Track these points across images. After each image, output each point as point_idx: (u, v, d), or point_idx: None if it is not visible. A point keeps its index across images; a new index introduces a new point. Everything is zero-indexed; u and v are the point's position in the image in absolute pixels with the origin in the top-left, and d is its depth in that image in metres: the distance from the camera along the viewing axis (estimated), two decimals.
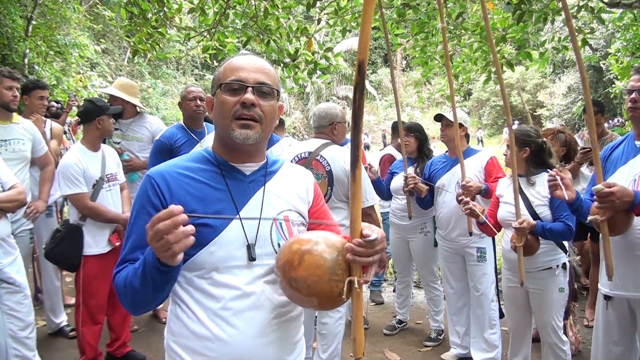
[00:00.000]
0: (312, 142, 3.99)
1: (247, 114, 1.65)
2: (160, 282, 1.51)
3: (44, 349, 4.43)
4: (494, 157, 4.42)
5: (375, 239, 1.48)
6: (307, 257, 1.51)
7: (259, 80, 1.68)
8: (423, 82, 8.93)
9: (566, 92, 34.32)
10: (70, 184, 3.90)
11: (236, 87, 1.67)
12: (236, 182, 1.74)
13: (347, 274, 1.51)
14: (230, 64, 1.73)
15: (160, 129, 5.14)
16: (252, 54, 1.80)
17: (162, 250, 1.37)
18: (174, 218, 1.34)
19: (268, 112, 1.70)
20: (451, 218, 4.40)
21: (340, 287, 1.50)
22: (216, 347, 1.63)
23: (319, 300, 1.52)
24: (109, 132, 4.23)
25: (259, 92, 1.68)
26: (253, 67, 1.70)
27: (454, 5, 6.58)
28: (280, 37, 6.68)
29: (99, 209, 4.02)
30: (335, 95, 33.70)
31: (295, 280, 1.51)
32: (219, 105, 1.69)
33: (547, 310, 3.65)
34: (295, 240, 1.59)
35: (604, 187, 2.60)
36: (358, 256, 1.48)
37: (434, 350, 4.88)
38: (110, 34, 23.38)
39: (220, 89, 1.69)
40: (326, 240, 1.55)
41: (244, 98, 1.65)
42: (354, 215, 1.52)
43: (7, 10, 9.31)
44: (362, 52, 1.43)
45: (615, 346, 2.95)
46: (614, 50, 12.56)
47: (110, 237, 4.13)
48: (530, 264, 3.59)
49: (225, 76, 1.70)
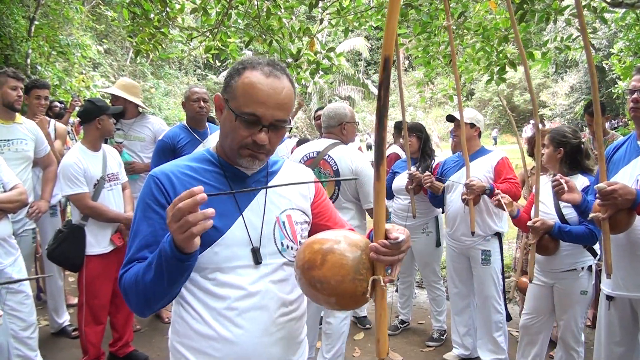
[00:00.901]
0: (321, 142, 4.01)
1: (257, 152, 1.65)
2: (175, 273, 1.48)
3: (46, 348, 4.45)
4: (505, 157, 4.37)
5: (402, 240, 1.47)
6: (330, 256, 1.48)
7: (276, 118, 1.62)
8: (425, 82, 8.91)
9: (569, 92, 34.34)
10: (71, 184, 3.91)
11: (251, 122, 1.62)
12: (238, 182, 1.75)
13: (370, 273, 1.49)
14: (252, 87, 1.61)
15: (162, 129, 5.14)
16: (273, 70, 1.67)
17: (181, 231, 1.36)
18: (194, 197, 1.33)
19: (277, 142, 1.70)
20: (457, 217, 4.40)
21: (364, 287, 1.47)
22: (221, 347, 1.63)
23: (341, 299, 1.50)
24: (109, 132, 4.23)
25: (274, 127, 1.64)
26: (273, 103, 1.61)
27: (457, 5, 6.57)
28: (283, 37, 6.68)
29: (100, 209, 4.02)
30: (337, 95, 33.71)
31: (319, 281, 1.48)
32: (230, 126, 1.65)
33: (568, 311, 3.64)
34: (315, 240, 1.57)
35: (606, 185, 2.60)
36: (383, 256, 1.47)
37: (436, 350, 4.88)
38: (112, 34, 23.38)
39: (233, 112, 1.62)
40: (347, 239, 1.53)
41: (257, 138, 1.61)
42: (379, 215, 1.50)
43: (9, 10, 9.32)
44: (387, 47, 1.40)
45: (617, 346, 2.95)
46: (617, 50, 12.56)
47: (112, 236, 4.13)
48: (554, 264, 3.60)
49: (243, 104, 1.61)
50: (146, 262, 1.55)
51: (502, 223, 4.37)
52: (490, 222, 4.30)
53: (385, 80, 1.41)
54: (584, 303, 3.66)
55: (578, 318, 3.65)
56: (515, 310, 5.49)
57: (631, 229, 2.73)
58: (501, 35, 6.50)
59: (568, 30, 13.46)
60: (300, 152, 4.05)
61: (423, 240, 5.03)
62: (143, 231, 1.65)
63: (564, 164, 3.63)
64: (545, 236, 3.44)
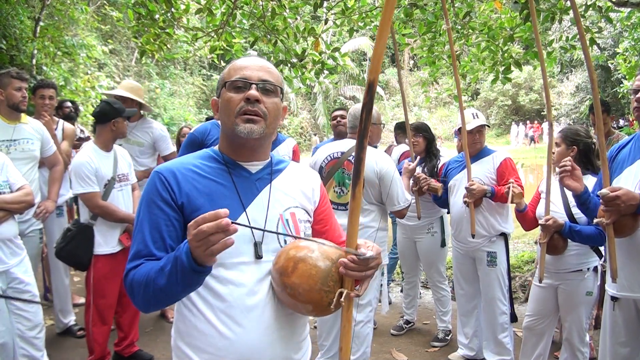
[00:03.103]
0: (346, 142, 4.00)
1: (252, 110, 1.69)
2: (192, 281, 1.51)
3: (52, 348, 4.46)
4: (508, 158, 4.33)
5: (370, 257, 1.52)
6: (301, 265, 1.55)
7: (263, 78, 1.73)
8: (430, 82, 8.90)
9: (574, 92, 34.23)
10: (83, 183, 3.93)
11: (240, 85, 1.72)
12: (242, 179, 1.77)
13: (338, 286, 1.56)
14: (234, 64, 1.79)
15: (162, 135, 5.15)
16: (256, 56, 1.85)
17: (202, 250, 1.38)
18: (219, 221, 1.35)
19: (272, 109, 1.74)
20: (461, 219, 4.39)
21: (331, 298, 1.54)
22: (223, 345, 1.64)
23: (310, 307, 1.57)
24: (123, 134, 4.24)
25: (263, 89, 1.73)
26: (256, 66, 1.76)
27: (462, 5, 6.56)
28: (288, 37, 6.69)
29: (109, 208, 4.04)
30: (342, 96, 33.69)
31: (289, 287, 1.56)
32: (224, 103, 1.74)
33: (573, 312, 3.64)
34: (293, 246, 1.63)
35: (609, 192, 2.59)
36: (351, 271, 1.53)
37: (441, 350, 4.88)
38: (118, 34, 23.42)
39: (225, 88, 1.74)
40: (321, 250, 1.59)
41: (249, 94, 1.69)
42: (350, 231, 1.55)
43: (15, 11, 9.34)
44: (373, 72, 1.43)
45: (622, 347, 2.93)
46: (622, 49, 12.53)
47: (121, 237, 4.15)
48: (560, 264, 3.59)
49: (230, 75, 1.76)
50: (158, 267, 1.55)
51: (508, 224, 4.35)
52: (494, 223, 4.28)
53: (368, 104, 1.44)
54: (589, 304, 3.66)
55: (583, 319, 3.65)
56: (521, 311, 5.48)
57: (635, 232, 2.73)
58: (506, 34, 6.48)
59: (573, 30, 13.41)
60: (324, 152, 4.05)
61: (428, 240, 5.02)
62: (148, 227, 1.67)
63: (577, 162, 3.60)
64: (555, 235, 3.43)
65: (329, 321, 4.02)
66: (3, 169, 3.49)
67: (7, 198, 3.42)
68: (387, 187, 3.78)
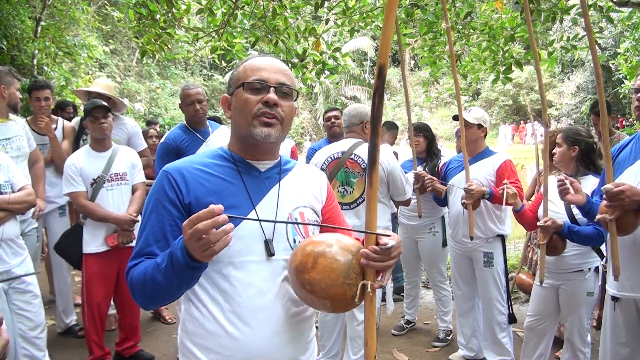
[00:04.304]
0: (344, 142, 4.05)
1: (270, 113, 1.69)
2: (187, 277, 1.52)
3: (54, 348, 4.47)
4: (508, 160, 4.30)
5: (392, 246, 1.49)
6: (321, 259, 1.51)
7: (280, 81, 1.73)
8: (431, 82, 8.91)
9: (575, 92, 34.19)
10: (68, 183, 4.09)
11: (258, 87, 1.71)
12: (251, 177, 1.77)
13: (360, 278, 1.51)
14: (251, 64, 1.76)
15: (135, 130, 5.16)
16: (270, 55, 1.84)
17: (201, 250, 1.38)
18: (215, 218, 1.35)
19: (288, 112, 1.75)
20: (458, 219, 4.39)
21: (354, 291, 1.50)
22: (230, 346, 1.64)
23: (331, 302, 1.53)
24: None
25: (280, 92, 1.72)
26: (274, 68, 1.74)
27: (462, 5, 6.56)
28: (289, 37, 6.69)
29: (89, 207, 4.09)
30: (343, 95, 33.65)
31: (309, 283, 1.51)
32: (240, 103, 1.72)
33: (575, 312, 3.64)
34: (309, 242, 1.60)
35: (613, 187, 2.59)
36: (373, 261, 1.49)
37: (442, 350, 4.88)
38: (119, 34, 23.42)
39: (242, 88, 1.72)
40: (340, 243, 1.56)
41: (267, 97, 1.68)
42: (369, 219, 1.52)
43: (16, 11, 9.33)
44: (383, 56, 1.43)
45: (623, 347, 2.93)
46: (623, 49, 12.53)
47: (107, 237, 4.16)
48: (561, 264, 3.60)
49: (247, 76, 1.73)
50: (154, 263, 1.57)
51: (505, 226, 4.34)
52: (491, 225, 4.27)
53: (380, 87, 1.44)
54: (590, 304, 3.66)
55: (584, 319, 3.65)
56: (522, 311, 5.48)
57: (637, 231, 2.73)
58: (507, 34, 6.48)
59: (574, 30, 13.41)
60: (324, 154, 4.08)
61: (429, 240, 5.03)
62: (152, 226, 1.68)
63: (579, 162, 3.61)
64: (554, 236, 3.42)
65: (331, 322, 4.03)
66: (5, 169, 3.50)
67: (9, 198, 3.43)
68: (395, 181, 3.97)
